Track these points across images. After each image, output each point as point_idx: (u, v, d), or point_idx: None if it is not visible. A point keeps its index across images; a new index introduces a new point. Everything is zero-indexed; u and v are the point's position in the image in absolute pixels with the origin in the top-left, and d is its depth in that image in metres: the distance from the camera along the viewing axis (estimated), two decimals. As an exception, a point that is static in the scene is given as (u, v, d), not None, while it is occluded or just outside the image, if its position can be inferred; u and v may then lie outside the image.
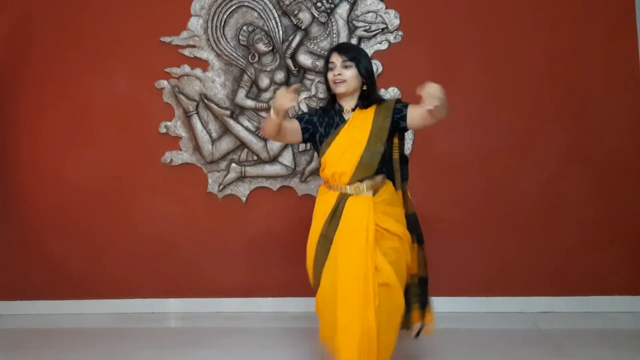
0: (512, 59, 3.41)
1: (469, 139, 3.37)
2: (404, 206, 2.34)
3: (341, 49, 2.31)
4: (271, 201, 3.53)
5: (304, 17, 3.43)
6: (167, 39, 3.53)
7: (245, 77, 3.49)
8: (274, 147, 3.47)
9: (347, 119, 2.29)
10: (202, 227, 3.56)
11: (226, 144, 3.53)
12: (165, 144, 3.56)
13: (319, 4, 3.42)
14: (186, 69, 3.52)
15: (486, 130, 3.38)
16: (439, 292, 3.38)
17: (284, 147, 3.48)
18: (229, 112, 3.50)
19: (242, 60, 3.49)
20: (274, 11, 3.47)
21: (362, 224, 2.15)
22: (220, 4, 3.49)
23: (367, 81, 2.28)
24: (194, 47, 3.52)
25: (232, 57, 3.50)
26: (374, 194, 2.24)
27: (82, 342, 3.10)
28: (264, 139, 3.46)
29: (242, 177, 3.52)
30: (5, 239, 3.65)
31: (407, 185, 2.38)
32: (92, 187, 3.59)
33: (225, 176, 3.52)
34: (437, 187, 3.43)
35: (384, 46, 3.44)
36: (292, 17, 3.45)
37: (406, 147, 3.28)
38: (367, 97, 2.29)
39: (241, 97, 3.49)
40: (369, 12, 3.44)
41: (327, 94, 2.37)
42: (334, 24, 3.45)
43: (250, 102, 3.49)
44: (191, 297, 3.56)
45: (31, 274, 3.62)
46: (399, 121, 2.25)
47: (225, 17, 3.50)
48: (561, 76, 3.39)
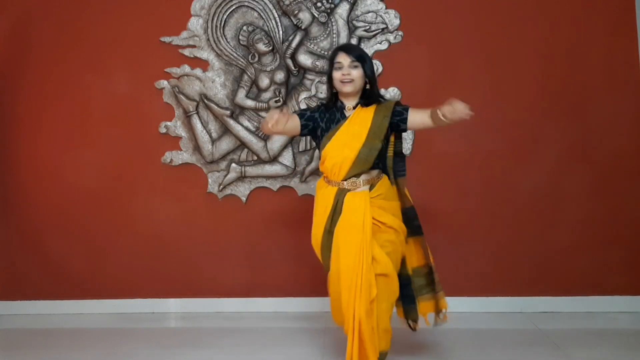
0: (511, 59, 3.41)
1: (469, 138, 3.37)
2: (401, 200, 2.46)
3: (348, 49, 2.43)
4: (271, 201, 3.53)
5: (304, 17, 3.43)
6: (167, 39, 3.53)
7: (245, 77, 3.49)
8: (274, 147, 3.47)
9: (347, 115, 2.41)
10: (202, 227, 3.56)
11: (226, 144, 3.53)
12: (165, 144, 3.56)
13: (319, 4, 3.42)
14: (186, 69, 3.52)
15: (486, 130, 3.38)
16: (439, 292, 3.42)
17: (284, 147, 3.48)
18: (229, 112, 3.50)
19: (242, 60, 3.49)
20: (274, 11, 3.47)
21: (359, 219, 2.28)
22: (220, 4, 3.49)
23: (370, 81, 2.40)
24: (194, 47, 3.52)
25: (232, 57, 3.50)
26: (370, 188, 2.36)
27: (82, 342, 3.09)
28: (264, 139, 3.46)
29: (242, 177, 3.52)
30: (5, 239, 3.65)
31: (404, 181, 2.50)
32: (92, 187, 3.60)
33: (225, 176, 3.52)
34: (437, 186, 3.43)
35: (384, 46, 3.44)
36: (292, 17, 3.45)
37: (406, 147, 3.32)
38: (368, 96, 2.41)
39: (241, 97, 3.49)
40: (369, 12, 3.44)
41: (329, 91, 2.47)
42: (334, 24, 3.45)
43: (250, 102, 3.49)
44: (191, 297, 3.56)
45: (31, 274, 3.62)
46: (399, 123, 2.38)
47: (225, 17, 3.50)
48: (561, 76, 3.39)
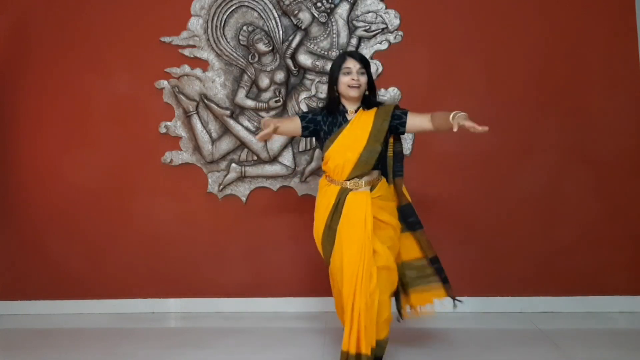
0: (511, 59, 3.41)
1: (468, 139, 3.34)
2: (399, 198, 2.59)
3: (357, 56, 2.53)
4: (271, 201, 3.53)
5: (304, 17, 3.43)
6: (167, 39, 3.53)
7: (245, 77, 3.49)
8: (274, 147, 3.47)
9: (349, 119, 2.52)
10: (202, 227, 3.56)
11: (226, 144, 3.53)
12: (165, 144, 3.56)
13: (319, 4, 3.42)
14: (186, 69, 3.52)
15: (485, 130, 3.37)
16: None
17: (284, 147, 3.48)
18: (229, 112, 3.50)
19: (242, 60, 3.49)
20: (274, 11, 3.47)
21: (361, 217, 2.41)
22: (220, 4, 3.49)
23: (371, 87, 2.56)
24: (194, 47, 3.52)
25: (232, 57, 3.50)
26: (371, 189, 2.48)
27: (82, 342, 3.10)
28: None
29: (242, 177, 3.52)
30: (5, 239, 3.65)
31: (402, 181, 2.60)
32: (92, 187, 3.60)
33: (225, 176, 3.52)
34: (437, 186, 3.43)
35: (384, 46, 3.44)
36: (292, 17, 3.45)
37: (406, 147, 3.32)
38: (369, 101, 2.54)
39: (241, 97, 3.49)
40: (369, 12, 3.44)
41: (331, 94, 2.55)
42: (334, 24, 3.45)
43: (250, 102, 3.49)
44: (191, 297, 3.56)
45: (31, 274, 3.62)
46: (398, 126, 2.50)
47: (225, 17, 3.50)
48: (561, 76, 3.39)
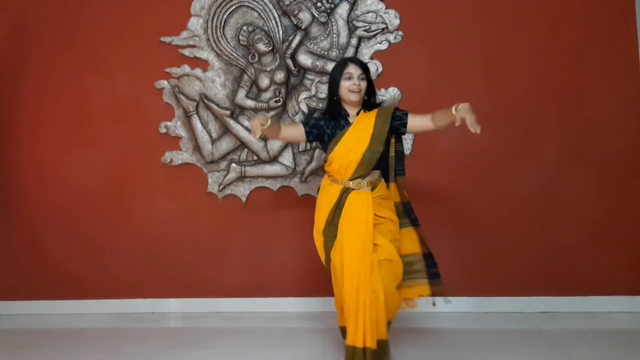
0: (512, 59, 3.42)
1: (468, 138, 3.34)
2: (401, 196, 2.68)
3: (357, 62, 2.62)
4: (271, 201, 3.53)
5: (304, 17, 3.43)
6: (167, 39, 3.53)
7: (245, 77, 3.49)
8: (274, 147, 3.48)
9: (351, 122, 2.61)
10: (202, 227, 3.56)
11: (226, 144, 3.53)
12: (165, 144, 3.56)
13: (319, 4, 3.42)
14: (186, 69, 3.52)
15: (486, 130, 3.33)
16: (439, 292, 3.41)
17: (284, 147, 3.48)
18: (229, 112, 3.50)
19: (242, 60, 3.49)
20: (274, 11, 3.47)
21: (362, 216, 2.49)
22: (220, 4, 3.49)
23: (371, 91, 2.65)
24: (194, 47, 3.52)
25: (232, 57, 3.50)
26: (372, 189, 2.57)
27: (82, 342, 3.09)
28: (264, 139, 3.46)
29: (242, 177, 3.52)
30: (5, 239, 3.65)
31: (404, 179, 2.69)
32: (92, 187, 3.60)
33: (225, 176, 3.52)
34: (436, 186, 3.42)
35: (384, 46, 3.44)
36: (292, 17, 3.45)
37: (406, 147, 3.33)
38: (370, 104, 2.64)
39: (241, 97, 3.49)
40: (369, 12, 3.45)
41: (332, 97, 2.63)
42: (334, 24, 3.45)
43: (250, 102, 3.49)
44: (191, 297, 3.56)
45: (31, 274, 3.62)
46: (399, 127, 2.59)
47: (225, 17, 3.50)
48: (561, 76, 3.39)
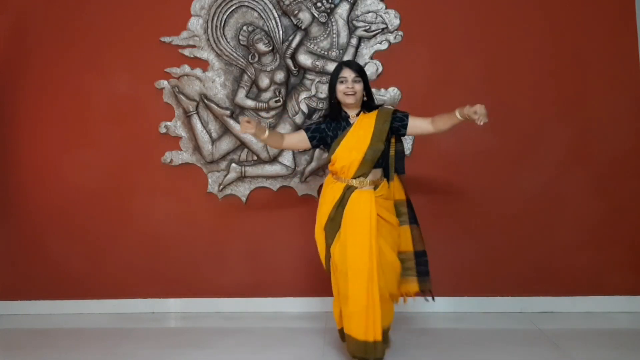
0: (511, 59, 3.41)
1: (469, 138, 3.36)
2: (406, 193, 2.75)
3: (351, 65, 2.70)
4: (271, 201, 3.53)
5: (304, 17, 3.43)
6: (167, 39, 3.53)
7: (245, 77, 3.49)
8: (274, 147, 3.48)
9: (352, 122, 2.69)
10: (202, 227, 3.56)
11: (226, 144, 3.53)
12: (165, 144, 3.56)
13: (319, 4, 3.42)
14: (186, 69, 3.52)
15: (486, 130, 3.35)
16: (439, 292, 3.39)
17: (284, 147, 3.49)
18: (229, 112, 3.50)
19: (242, 60, 3.49)
20: (274, 11, 3.47)
21: (366, 214, 2.55)
22: (220, 4, 3.49)
23: (368, 92, 2.73)
24: (194, 47, 3.52)
25: (232, 57, 3.50)
26: (375, 188, 2.63)
27: (82, 342, 3.10)
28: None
29: (242, 177, 3.52)
30: (5, 239, 3.65)
31: (404, 177, 2.77)
32: (92, 187, 3.60)
33: (225, 176, 3.52)
34: (437, 186, 3.43)
35: (384, 46, 3.44)
36: (292, 17, 3.45)
37: (406, 148, 3.33)
38: (369, 105, 2.73)
39: (241, 97, 3.49)
40: (369, 12, 3.44)
41: (332, 101, 2.72)
42: (334, 24, 3.45)
43: (250, 102, 3.49)
44: (191, 297, 3.56)
45: (31, 274, 3.62)
46: (399, 128, 2.68)
47: (225, 17, 3.50)
48: (561, 76, 3.39)
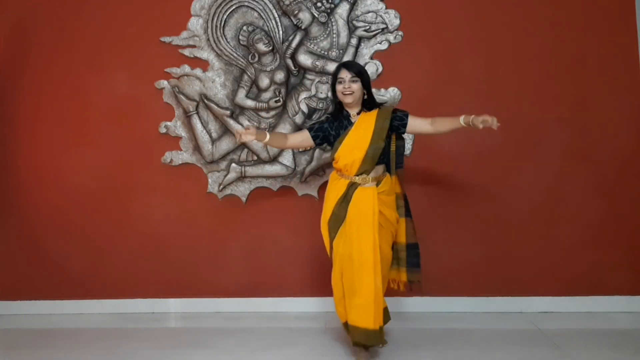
0: (511, 59, 3.41)
1: (469, 138, 3.36)
2: (402, 187, 2.82)
3: (349, 66, 2.77)
4: (271, 201, 3.53)
5: (304, 17, 3.43)
6: (167, 39, 3.53)
7: (245, 77, 3.49)
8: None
9: (353, 121, 2.76)
10: (202, 227, 3.56)
11: (226, 144, 3.53)
12: (165, 144, 3.56)
13: (319, 4, 3.42)
14: (186, 69, 3.52)
15: (486, 130, 3.36)
16: (439, 292, 3.42)
17: (284, 147, 3.49)
18: (229, 112, 3.50)
19: (242, 60, 3.49)
20: (274, 11, 3.47)
21: (369, 210, 2.65)
22: (220, 4, 3.49)
23: (367, 91, 2.78)
24: (194, 47, 3.52)
25: (232, 57, 3.50)
26: (377, 184, 2.71)
27: (82, 342, 3.10)
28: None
29: (242, 177, 3.52)
30: (5, 239, 3.65)
31: (403, 171, 2.84)
32: (92, 187, 3.60)
33: (225, 176, 3.52)
34: (437, 186, 3.43)
35: (384, 46, 3.44)
36: (292, 17, 3.45)
37: (406, 147, 3.34)
38: (368, 104, 2.78)
39: (241, 97, 3.49)
40: (369, 12, 3.44)
41: (334, 102, 2.82)
42: (334, 24, 3.45)
43: (250, 102, 3.49)
44: (191, 297, 3.56)
45: (31, 274, 3.62)
46: (399, 127, 2.75)
47: (225, 17, 3.50)
48: (561, 76, 3.39)
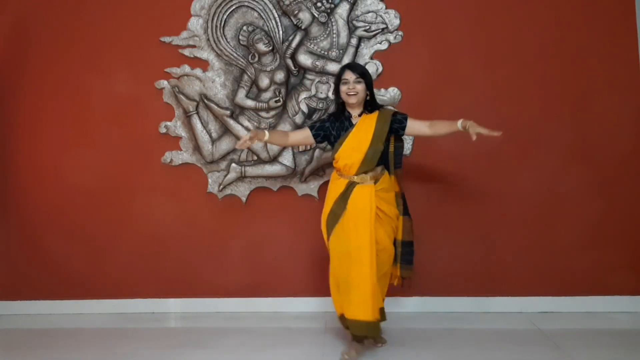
0: (511, 59, 3.41)
1: (469, 139, 3.35)
2: (400, 186, 2.87)
3: (353, 67, 2.83)
4: (271, 201, 3.53)
5: (304, 17, 3.43)
6: (167, 39, 3.53)
7: (245, 77, 3.49)
8: (274, 147, 3.47)
9: (354, 123, 2.81)
10: (202, 227, 3.56)
11: (226, 144, 3.53)
12: (165, 144, 3.56)
13: (319, 4, 3.42)
14: (186, 69, 3.52)
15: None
16: (439, 292, 3.42)
17: (284, 147, 3.48)
18: (229, 112, 3.50)
19: (242, 60, 3.49)
20: (274, 11, 3.47)
21: (367, 207, 2.72)
22: (220, 4, 3.49)
23: (370, 93, 2.82)
24: (194, 47, 3.52)
25: (232, 57, 3.49)
26: (375, 182, 2.76)
27: (82, 342, 3.10)
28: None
29: (242, 177, 3.52)
30: (5, 239, 3.65)
31: (401, 171, 2.89)
32: (92, 187, 3.60)
33: (225, 176, 3.52)
34: (437, 186, 3.43)
35: (384, 46, 3.44)
36: (292, 17, 3.45)
37: (406, 148, 3.34)
38: (370, 105, 2.83)
39: (241, 97, 3.49)
40: (369, 12, 3.44)
41: (337, 102, 2.87)
42: (334, 24, 3.45)
43: (250, 102, 3.49)
44: (191, 297, 3.56)
45: (31, 274, 3.62)
46: (398, 129, 2.81)
47: (225, 17, 3.50)
48: (561, 76, 3.39)
